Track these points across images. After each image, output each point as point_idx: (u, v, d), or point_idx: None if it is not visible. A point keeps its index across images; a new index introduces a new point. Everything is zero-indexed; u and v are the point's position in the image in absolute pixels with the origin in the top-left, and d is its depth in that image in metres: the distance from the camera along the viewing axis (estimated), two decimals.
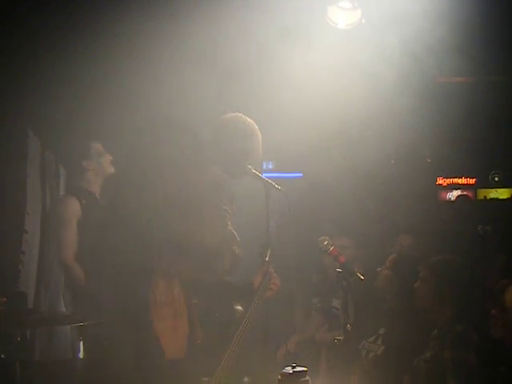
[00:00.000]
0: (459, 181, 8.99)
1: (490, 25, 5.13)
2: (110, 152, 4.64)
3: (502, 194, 8.69)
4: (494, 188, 8.78)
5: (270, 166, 7.68)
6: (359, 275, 3.79)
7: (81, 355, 4.02)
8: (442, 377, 3.55)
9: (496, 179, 8.75)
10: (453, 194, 8.71)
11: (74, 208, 4.44)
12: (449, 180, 8.99)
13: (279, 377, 2.72)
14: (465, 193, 8.31)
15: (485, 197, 8.72)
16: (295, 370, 2.71)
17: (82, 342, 4.04)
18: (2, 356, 3.27)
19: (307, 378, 2.73)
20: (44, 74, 4.43)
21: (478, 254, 5.38)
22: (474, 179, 9.00)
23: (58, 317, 3.70)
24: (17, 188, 4.53)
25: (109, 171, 4.61)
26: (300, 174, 7.31)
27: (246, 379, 3.73)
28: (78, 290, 4.27)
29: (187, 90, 4.94)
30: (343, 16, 5.07)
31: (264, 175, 4.13)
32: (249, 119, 4.04)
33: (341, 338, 3.77)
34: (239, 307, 3.85)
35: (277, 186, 3.90)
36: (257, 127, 4.04)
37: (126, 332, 3.41)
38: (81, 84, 4.60)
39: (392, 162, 7.67)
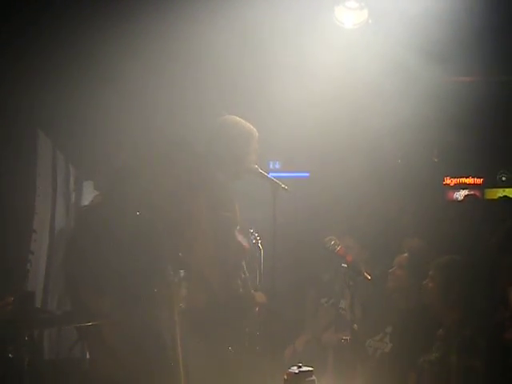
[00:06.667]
0: (466, 180, 8.92)
1: (498, 24, 5.11)
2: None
3: (509, 193, 8.63)
4: (501, 188, 8.72)
5: (277, 166, 7.68)
6: (366, 275, 3.81)
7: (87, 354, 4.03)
8: (446, 380, 3.54)
9: (503, 179, 8.70)
10: (460, 194, 8.66)
11: None
12: (456, 180, 8.93)
13: (285, 376, 2.73)
14: (472, 192, 8.27)
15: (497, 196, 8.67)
16: (301, 369, 2.71)
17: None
18: (10, 355, 3.28)
19: (313, 377, 2.74)
20: (56, 74, 4.45)
21: (487, 254, 5.35)
22: (482, 179, 8.94)
23: (66, 316, 3.72)
24: (26, 188, 4.55)
25: None
26: (307, 174, 7.30)
27: (252, 377, 3.75)
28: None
29: (190, 92, 4.97)
30: (350, 16, 5.07)
31: (271, 175, 4.15)
32: (244, 121, 4.06)
33: (347, 337, 3.78)
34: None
35: (283, 185, 3.91)
36: (253, 127, 4.06)
37: (131, 332, 3.42)
38: (91, 84, 4.62)
39: (399, 161, 7.64)
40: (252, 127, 4.07)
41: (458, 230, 5.53)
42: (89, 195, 5.24)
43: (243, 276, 3.99)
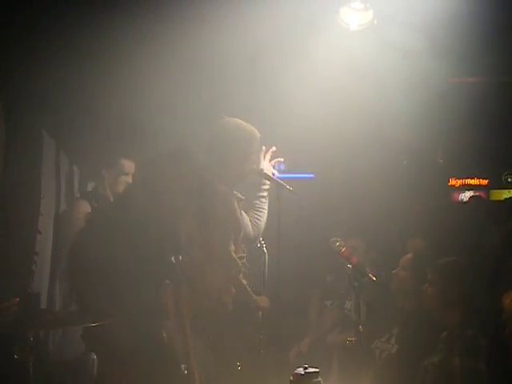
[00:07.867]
0: (472, 182, 8.92)
1: (503, 25, 5.10)
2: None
3: None
4: (506, 189, 8.71)
5: (282, 167, 7.68)
6: (371, 276, 3.81)
7: (94, 355, 4.03)
8: (450, 382, 3.53)
9: (509, 180, 8.69)
10: (465, 195, 8.66)
11: (84, 210, 4.47)
12: (461, 181, 8.93)
13: (291, 378, 2.72)
14: (478, 193, 8.26)
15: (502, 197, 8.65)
16: (307, 371, 2.70)
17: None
18: (16, 356, 3.28)
19: (319, 379, 2.73)
20: (60, 76, 4.46)
21: (491, 255, 5.34)
22: (487, 180, 8.94)
23: (71, 317, 3.72)
24: (31, 189, 4.55)
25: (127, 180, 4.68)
26: (311, 175, 7.31)
27: (257, 380, 3.75)
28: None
29: (192, 93, 4.97)
30: (355, 17, 5.06)
31: (275, 176, 4.15)
32: (244, 122, 4.05)
33: (353, 339, 3.77)
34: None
35: (288, 186, 3.91)
36: (254, 129, 4.05)
37: (136, 333, 3.41)
38: (95, 86, 4.62)
39: (404, 162, 7.64)
40: (253, 128, 4.06)
41: (462, 231, 5.52)
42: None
43: (234, 291, 3.91)
